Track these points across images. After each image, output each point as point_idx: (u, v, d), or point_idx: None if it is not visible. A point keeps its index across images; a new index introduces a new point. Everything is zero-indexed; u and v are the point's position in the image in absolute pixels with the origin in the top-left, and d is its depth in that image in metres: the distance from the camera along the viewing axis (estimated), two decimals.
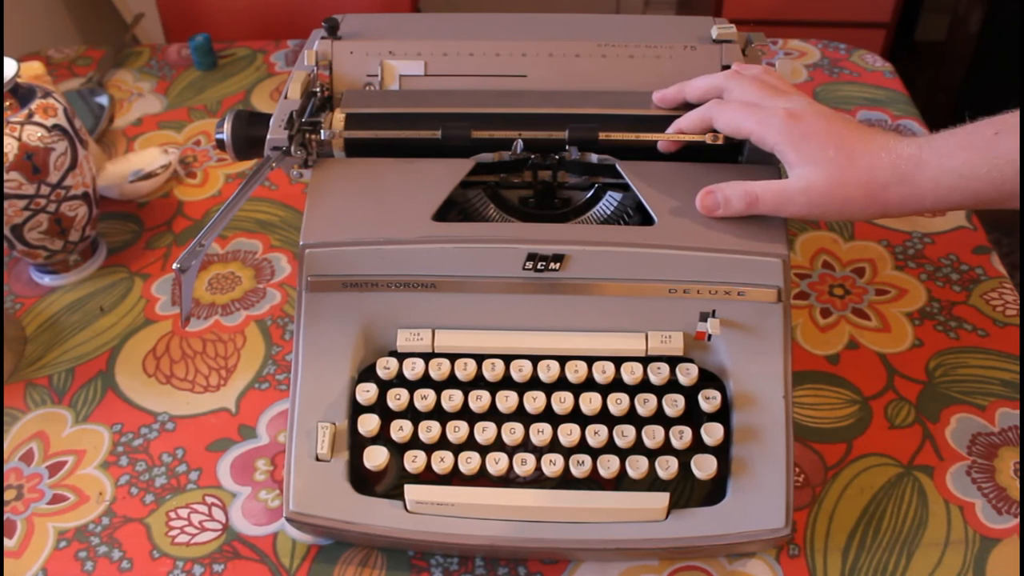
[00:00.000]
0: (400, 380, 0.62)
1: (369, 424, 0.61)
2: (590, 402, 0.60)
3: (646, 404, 0.60)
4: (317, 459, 0.60)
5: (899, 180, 0.56)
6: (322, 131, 0.65)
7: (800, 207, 0.58)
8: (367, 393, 0.61)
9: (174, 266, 0.56)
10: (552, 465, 0.59)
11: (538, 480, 0.63)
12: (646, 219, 0.62)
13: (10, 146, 0.72)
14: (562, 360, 0.61)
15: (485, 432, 0.60)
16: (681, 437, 0.59)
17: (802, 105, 0.60)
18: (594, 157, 0.65)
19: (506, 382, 0.61)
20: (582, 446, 0.60)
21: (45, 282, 0.83)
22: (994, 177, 0.53)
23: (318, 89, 0.70)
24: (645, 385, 0.61)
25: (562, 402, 0.60)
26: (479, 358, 0.62)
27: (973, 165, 0.54)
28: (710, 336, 0.61)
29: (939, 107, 1.94)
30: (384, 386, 0.62)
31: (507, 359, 0.62)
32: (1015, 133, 0.53)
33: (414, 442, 0.61)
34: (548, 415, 0.61)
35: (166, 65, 1.12)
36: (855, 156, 0.57)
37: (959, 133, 0.56)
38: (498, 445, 0.60)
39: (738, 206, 0.60)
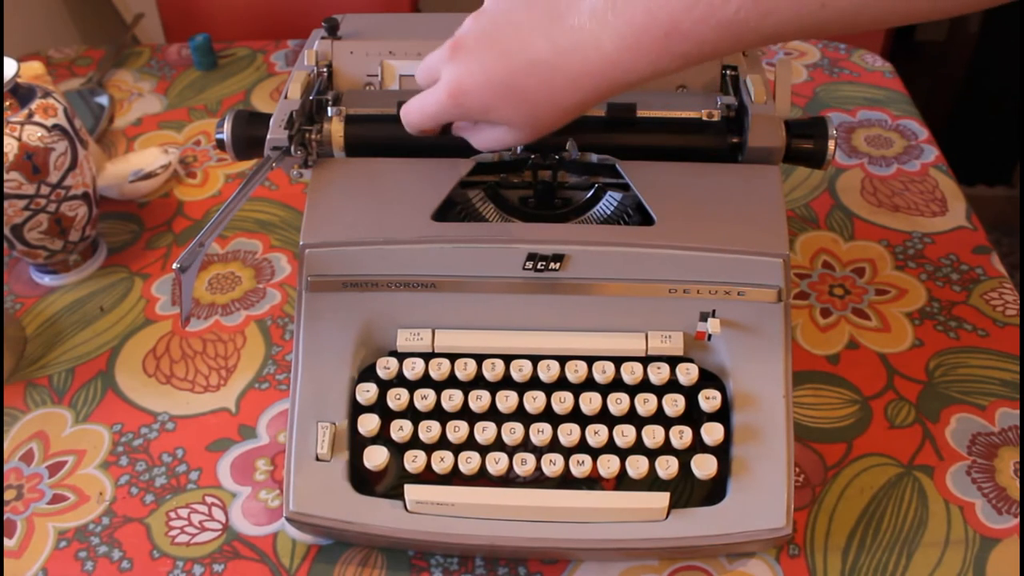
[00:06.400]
0: (400, 380, 0.62)
1: (369, 424, 0.61)
2: (590, 402, 0.60)
3: (646, 404, 0.60)
4: (317, 459, 0.60)
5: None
6: (322, 131, 0.64)
7: None
8: (367, 393, 0.61)
9: (174, 266, 0.56)
10: (552, 465, 0.59)
11: (538, 480, 0.63)
12: (646, 219, 0.62)
13: (10, 146, 0.72)
14: (562, 360, 0.61)
15: (485, 432, 0.60)
16: (681, 437, 0.59)
17: (465, 30, 0.52)
18: (594, 157, 0.64)
19: (506, 382, 0.61)
20: (582, 446, 0.60)
21: (45, 282, 0.83)
22: None
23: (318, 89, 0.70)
24: (645, 385, 0.61)
25: (562, 402, 0.60)
26: (479, 358, 0.62)
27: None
28: (710, 336, 0.61)
29: (939, 107, 1.94)
30: (384, 386, 0.62)
31: (507, 359, 0.62)
32: None
33: (414, 442, 0.60)
34: (548, 415, 0.61)
35: (166, 65, 1.12)
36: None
37: None
38: (498, 445, 0.60)
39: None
